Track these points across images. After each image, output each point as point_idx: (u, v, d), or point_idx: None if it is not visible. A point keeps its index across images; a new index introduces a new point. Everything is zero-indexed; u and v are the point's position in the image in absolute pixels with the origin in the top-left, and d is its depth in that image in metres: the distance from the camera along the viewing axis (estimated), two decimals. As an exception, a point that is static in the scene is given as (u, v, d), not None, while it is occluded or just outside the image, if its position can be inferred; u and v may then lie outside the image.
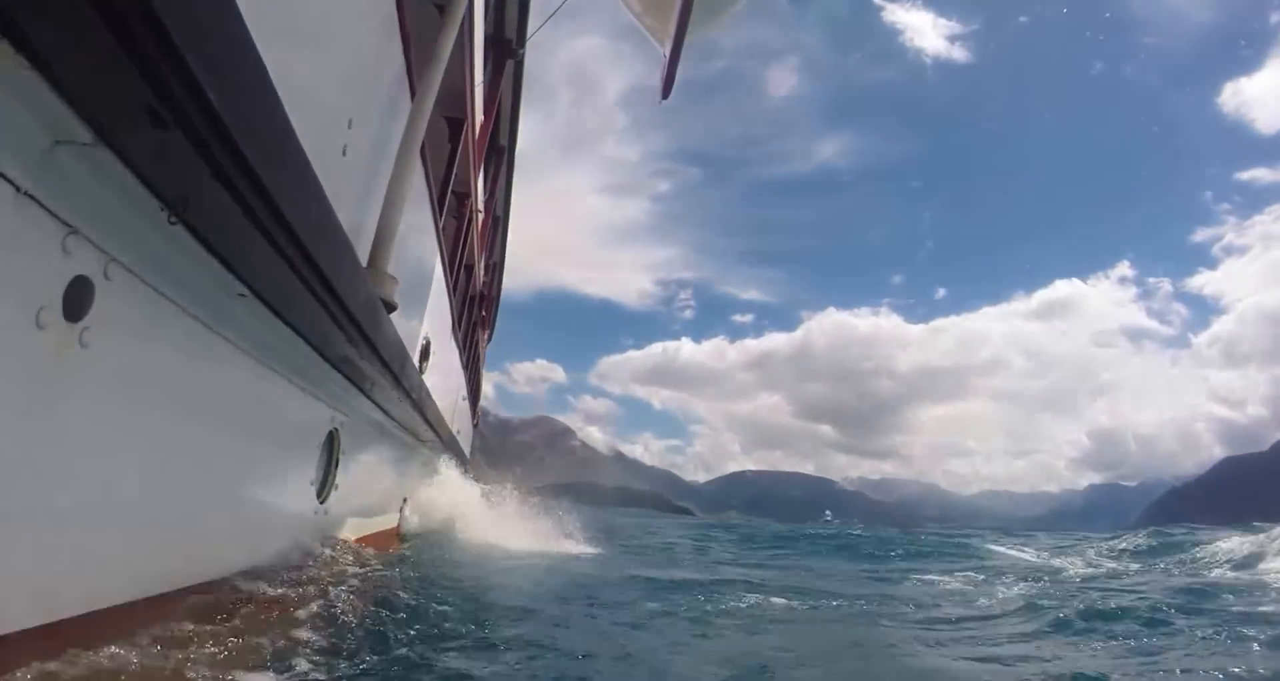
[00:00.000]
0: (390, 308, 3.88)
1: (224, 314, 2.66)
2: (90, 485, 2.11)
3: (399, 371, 4.12)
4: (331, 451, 4.69)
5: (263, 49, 1.83)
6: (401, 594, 4.24)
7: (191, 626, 2.69)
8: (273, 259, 2.26)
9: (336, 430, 4.62)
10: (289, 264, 2.32)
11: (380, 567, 4.91)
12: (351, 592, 3.79)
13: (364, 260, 3.77)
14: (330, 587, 3.76)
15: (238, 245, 2.14)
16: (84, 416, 2.02)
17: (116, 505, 2.27)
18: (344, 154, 3.29)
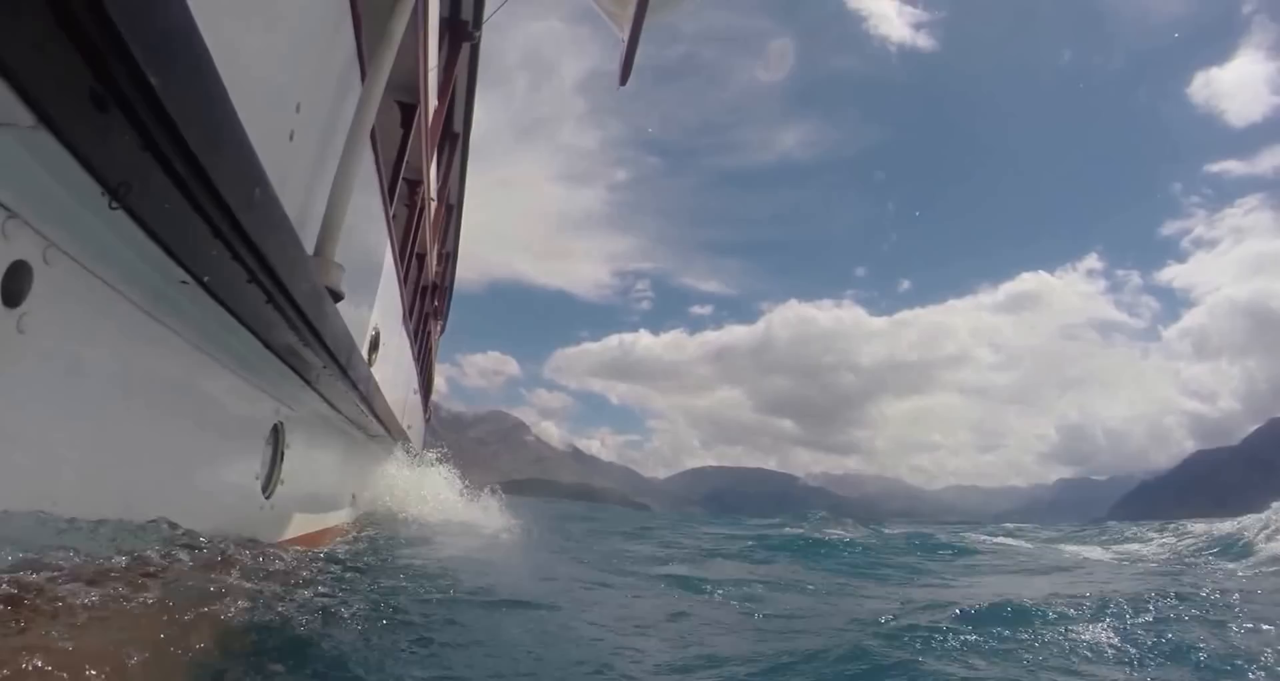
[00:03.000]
0: (337, 297, 3.81)
1: (166, 302, 2.60)
2: (26, 474, 2.07)
3: (345, 363, 4.04)
4: (277, 445, 4.59)
5: (207, 29, 1.80)
6: (337, 589, 4.17)
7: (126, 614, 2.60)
8: (215, 245, 2.21)
9: (281, 423, 4.52)
10: (231, 251, 2.28)
11: (321, 562, 4.82)
12: (285, 586, 3.71)
13: (310, 248, 3.69)
14: (265, 581, 3.67)
15: (179, 231, 2.09)
16: (21, 403, 1.98)
17: (53, 496, 2.22)
18: (291, 138, 3.21)
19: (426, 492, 10.33)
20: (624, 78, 7.82)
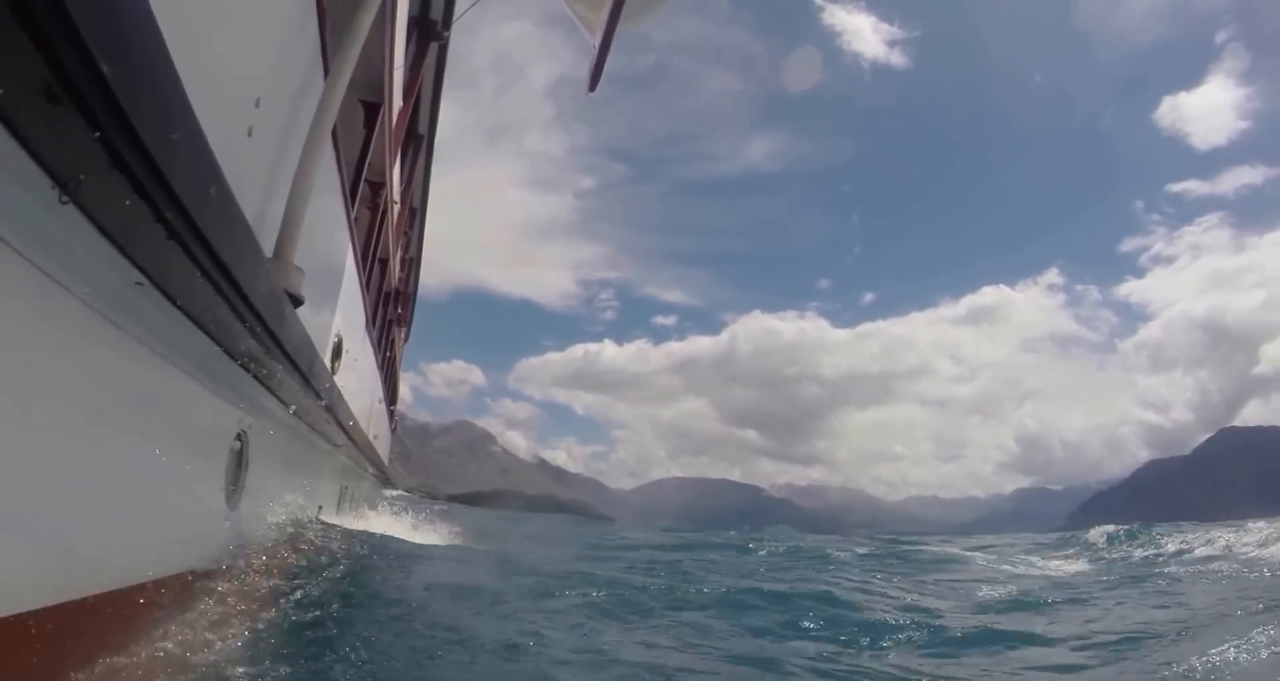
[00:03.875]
0: (297, 301, 3.66)
1: (122, 304, 2.45)
2: None
3: (307, 370, 3.89)
4: (241, 455, 4.41)
5: (163, 17, 1.70)
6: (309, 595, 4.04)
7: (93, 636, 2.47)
8: (169, 245, 2.08)
9: (245, 432, 4.34)
10: (186, 251, 2.14)
11: (293, 571, 4.67)
12: (257, 597, 3.58)
13: (269, 250, 3.53)
14: (236, 595, 3.53)
15: (133, 229, 1.97)
16: None
17: (3, 512, 2.08)
18: (250, 135, 3.07)
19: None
20: (593, 84, 7.74)
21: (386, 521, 11.42)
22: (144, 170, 1.74)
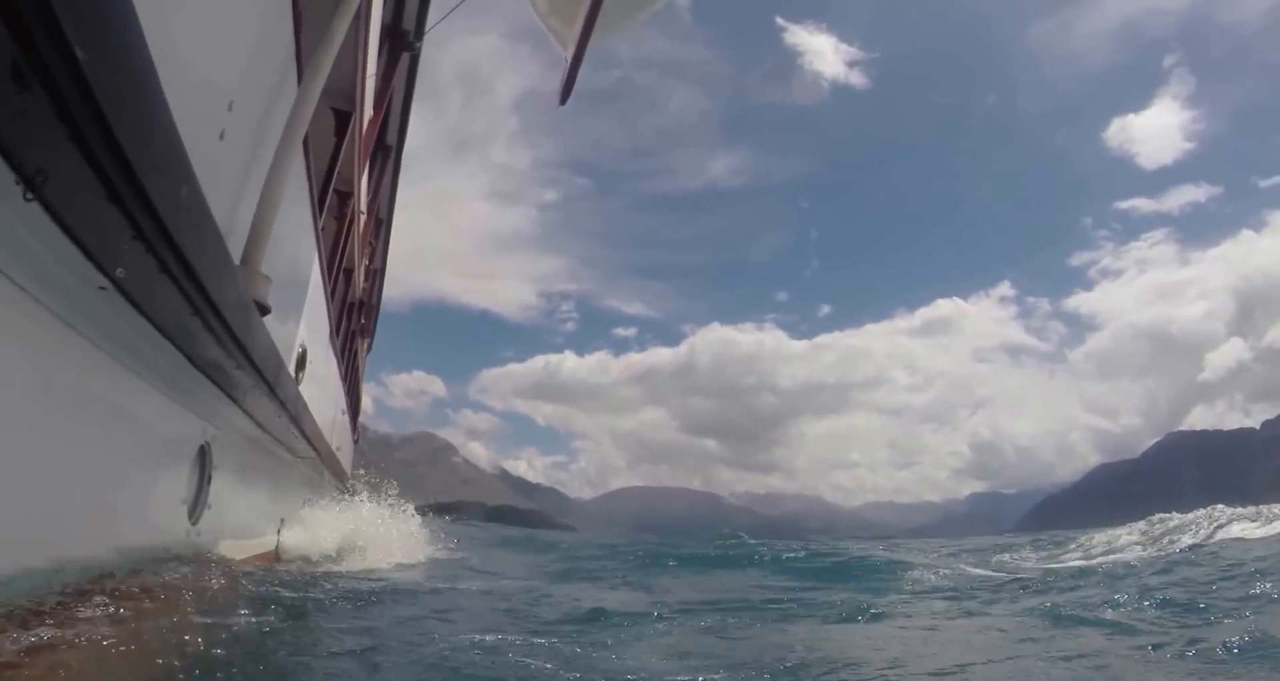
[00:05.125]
0: (264, 310, 3.56)
1: (85, 309, 2.33)
2: None
3: (273, 380, 3.78)
4: (204, 467, 4.26)
5: (142, 10, 1.65)
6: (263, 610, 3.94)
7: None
8: (136, 248, 1.99)
9: (209, 444, 4.19)
10: (154, 254, 2.06)
11: (249, 587, 4.53)
12: (213, 610, 3.46)
13: (236, 257, 3.44)
14: (193, 608, 3.41)
15: (99, 229, 1.88)
16: None
17: None
18: (222, 138, 2.99)
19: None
20: (564, 97, 7.75)
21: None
22: (115, 166, 1.66)
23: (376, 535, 9.52)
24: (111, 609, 2.80)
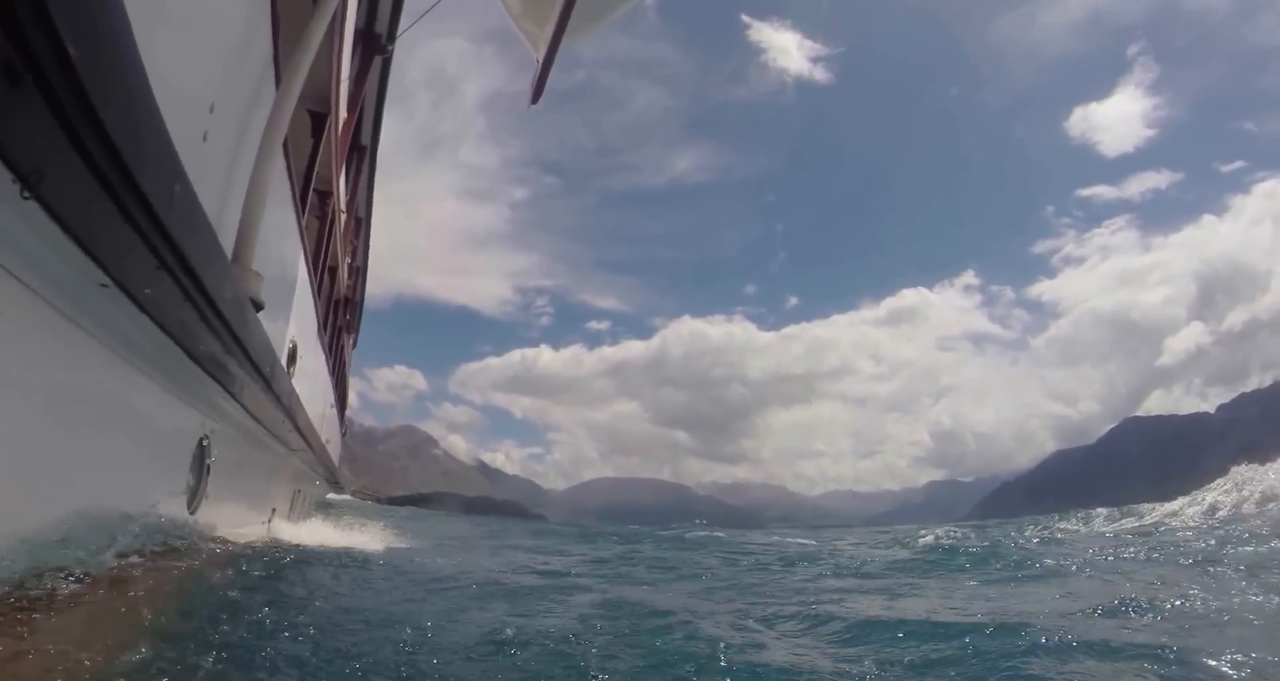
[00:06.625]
0: (258, 306, 3.66)
1: (87, 305, 2.42)
2: None
3: (269, 375, 3.89)
4: (202, 459, 4.38)
5: (131, 12, 1.70)
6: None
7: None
8: (136, 245, 2.07)
9: (207, 437, 4.31)
10: (152, 250, 2.14)
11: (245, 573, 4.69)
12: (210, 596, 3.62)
13: (228, 255, 3.53)
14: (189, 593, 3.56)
15: (97, 227, 1.95)
16: None
17: None
18: (205, 139, 3.07)
19: None
20: (535, 96, 7.84)
21: (327, 528, 11.54)
22: (109, 164, 1.71)
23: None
24: (112, 591, 2.93)
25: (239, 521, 5.91)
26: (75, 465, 2.72)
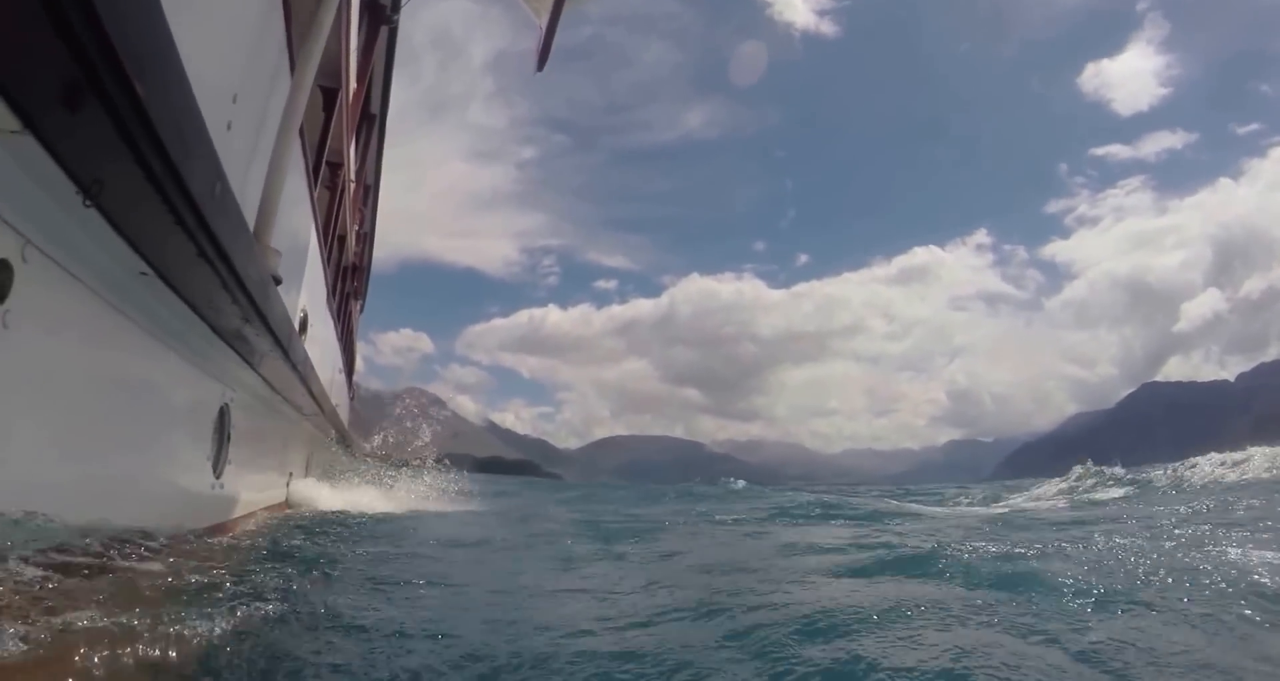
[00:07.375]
0: (277, 281, 3.92)
1: (128, 294, 2.68)
2: (13, 470, 2.12)
3: (287, 345, 4.17)
4: (223, 427, 4.67)
5: (170, 18, 1.83)
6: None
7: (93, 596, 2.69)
8: (178, 237, 2.30)
9: (228, 405, 4.61)
10: (193, 241, 2.36)
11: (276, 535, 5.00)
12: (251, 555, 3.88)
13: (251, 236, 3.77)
14: (226, 554, 3.82)
15: (146, 226, 2.18)
16: (7, 398, 2.04)
17: (36, 491, 2.27)
18: (229, 128, 3.29)
19: None
20: (541, 63, 7.96)
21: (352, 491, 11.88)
22: (163, 171, 1.89)
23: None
24: (151, 558, 3.17)
25: (261, 485, 6.25)
26: (117, 442, 2.98)
